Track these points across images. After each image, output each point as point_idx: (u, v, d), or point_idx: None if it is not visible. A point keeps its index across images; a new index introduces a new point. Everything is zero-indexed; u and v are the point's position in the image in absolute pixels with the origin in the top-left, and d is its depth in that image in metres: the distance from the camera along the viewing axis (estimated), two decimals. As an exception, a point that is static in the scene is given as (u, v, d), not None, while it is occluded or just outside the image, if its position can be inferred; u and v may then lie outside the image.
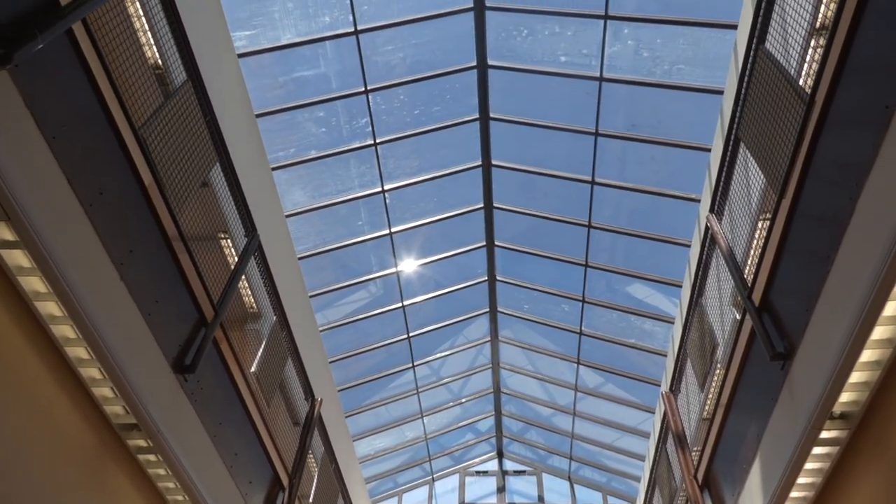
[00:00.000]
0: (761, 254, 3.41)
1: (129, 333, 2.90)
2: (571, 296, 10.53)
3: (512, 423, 14.16)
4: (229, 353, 3.94)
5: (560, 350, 11.71)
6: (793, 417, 3.07)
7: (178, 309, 3.39)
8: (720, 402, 4.14)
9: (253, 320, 4.92)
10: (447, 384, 12.81)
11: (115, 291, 2.83)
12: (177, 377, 3.33)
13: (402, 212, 9.86)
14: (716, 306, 4.26)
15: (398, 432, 13.26)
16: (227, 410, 3.95)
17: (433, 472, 14.35)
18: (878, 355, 2.57)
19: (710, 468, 4.46)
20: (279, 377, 4.87)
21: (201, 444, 3.57)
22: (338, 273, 10.54)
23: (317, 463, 5.94)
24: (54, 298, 2.51)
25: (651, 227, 9.27)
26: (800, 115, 2.91)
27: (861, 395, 2.73)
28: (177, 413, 3.30)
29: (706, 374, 4.40)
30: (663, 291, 10.19)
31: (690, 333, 4.71)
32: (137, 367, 2.92)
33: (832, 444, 2.93)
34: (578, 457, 13.62)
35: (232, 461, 3.95)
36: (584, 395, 12.17)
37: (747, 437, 3.75)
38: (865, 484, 2.90)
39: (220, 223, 4.13)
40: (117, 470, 3.13)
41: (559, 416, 13.09)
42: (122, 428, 3.08)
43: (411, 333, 11.21)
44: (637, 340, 10.76)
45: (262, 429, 4.37)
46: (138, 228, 3.05)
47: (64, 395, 2.78)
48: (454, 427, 13.74)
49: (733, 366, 3.86)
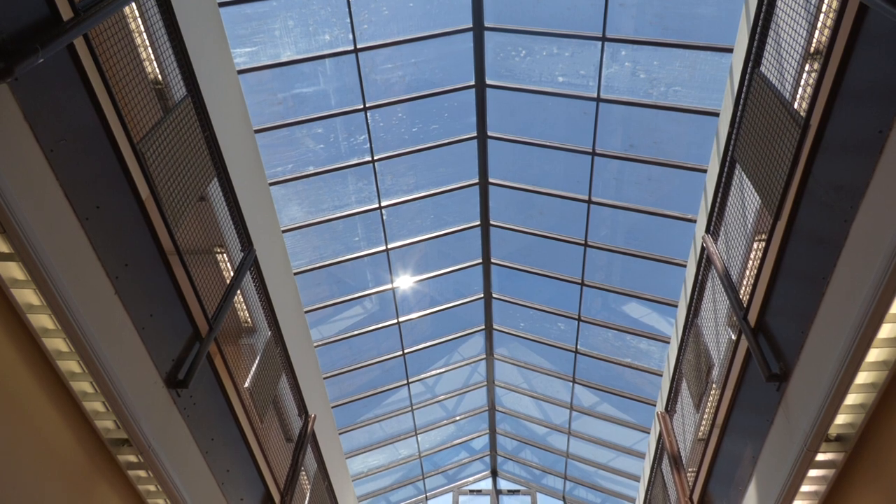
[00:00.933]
0: (757, 275, 3.42)
1: (122, 348, 2.88)
2: (567, 314, 10.53)
3: (506, 442, 14.06)
4: (223, 368, 3.92)
5: (555, 368, 11.67)
6: (788, 439, 3.05)
7: (172, 323, 3.38)
8: (715, 423, 4.12)
9: (247, 335, 4.90)
10: (442, 401, 12.74)
11: (110, 305, 2.82)
12: (169, 392, 3.31)
13: (399, 228, 9.88)
14: (711, 326, 4.26)
15: (392, 450, 13.16)
16: (220, 426, 3.91)
17: (427, 491, 14.21)
18: (874, 377, 2.57)
19: (705, 489, 4.43)
20: (273, 393, 4.83)
21: (193, 459, 3.53)
22: (333, 289, 10.52)
23: (309, 480, 5.88)
24: (48, 311, 2.50)
25: (647, 246, 9.30)
26: (795, 137, 2.93)
27: (857, 418, 2.72)
28: (169, 428, 3.27)
29: (701, 395, 4.39)
30: (659, 311, 10.19)
31: (686, 353, 4.70)
32: (130, 382, 2.90)
33: (828, 466, 2.92)
34: (573, 476, 13.51)
35: (223, 477, 3.91)
36: (579, 413, 12.11)
37: (743, 459, 3.73)
38: (861, 508, 2.88)
39: (217, 237, 4.13)
40: (107, 486, 3.09)
41: (554, 434, 13.00)
42: (113, 443, 3.05)
43: (406, 350, 11.17)
44: (633, 360, 10.74)
45: (254, 445, 4.33)
46: (134, 242, 3.04)
47: (55, 409, 2.75)
48: (448, 445, 13.63)
49: (728, 386, 3.85)
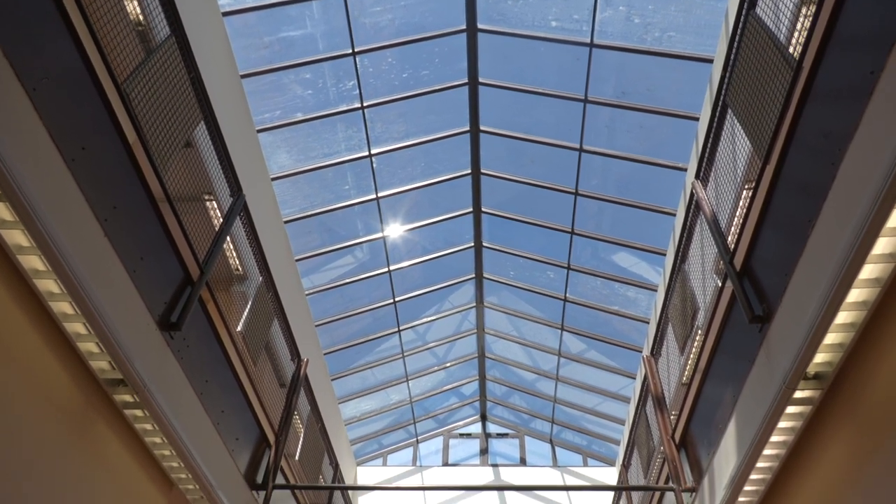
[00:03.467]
0: (744, 220, 3.46)
1: (113, 289, 2.90)
2: (557, 263, 10.62)
3: (496, 388, 14.38)
4: (215, 312, 3.95)
5: (544, 316, 11.85)
6: (768, 379, 3.15)
7: (163, 267, 3.39)
8: (699, 366, 4.24)
9: (239, 282, 4.92)
10: (432, 349, 12.95)
11: (99, 247, 2.82)
12: (163, 334, 3.34)
13: (390, 177, 9.82)
14: (698, 272, 4.33)
15: (383, 395, 13.43)
16: (214, 368, 3.98)
17: (418, 435, 14.59)
18: (853, 317, 2.64)
19: (687, 429, 4.58)
20: (265, 337, 4.89)
21: (188, 400, 3.60)
22: (324, 237, 10.52)
23: (303, 423, 6.01)
24: (37, 252, 2.49)
25: (638, 195, 9.33)
26: (787, 80, 2.92)
27: (835, 357, 2.81)
28: (163, 369, 3.32)
29: (686, 338, 4.49)
30: (648, 260, 10.30)
31: (672, 298, 4.78)
32: (123, 324, 2.93)
33: (805, 403, 3.03)
34: (560, 420, 13.90)
35: (219, 418, 4.00)
36: (567, 360, 12.36)
37: (724, 399, 3.85)
38: (835, 442, 3.00)
39: (205, 184, 4.09)
40: (104, 425, 3.16)
41: (542, 380, 13.31)
42: (109, 383, 3.10)
43: (397, 298, 11.27)
44: (620, 307, 10.91)
45: (248, 387, 4.41)
46: (122, 186, 3.02)
47: (49, 350, 2.78)
48: (439, 391, 13.93)
49: (713, 330, 3.94)
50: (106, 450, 3.20)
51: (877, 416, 2.65)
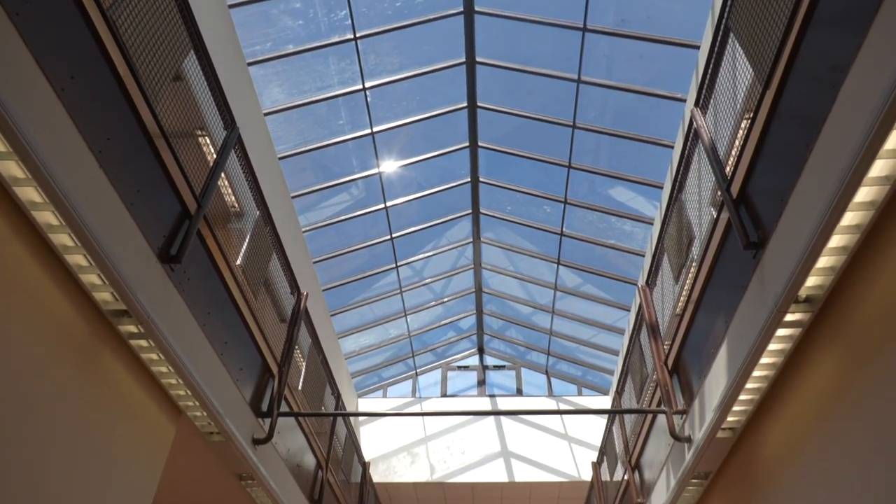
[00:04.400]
0: (742, 146, 3.44)
1: (112, 221, 2.91)
2: (554, 197, 10.61)
3: (492, 322, 14.64)
4: (214, 246, 3.98)
5: (541, 251, 11.94)
6: (760, 303, 3.21)
7: (160, 200, 3.38)
8: (693, 294, 4.31)
9: (236, 218, 4.92)
10: (430, 284, 13.10)
11: (95, 179, 2.80)
12: (163, 267, 3.37)
13: (384, 111, 9.67)
14: (695, 201, 4.34)
15: (382, 330, 13.69)
16: (215, 301, 4.03)
17: (416, 368, 14.95)
18: (846, 241, 2.67)
19: (679, 355, 4.70)
20: (264, 272, 4.94)
21: (191, 331, 3.67)
22: (319, 174, 10.45)
23: (304, 356, 6.14)
24: (33, 184, 2.48)
25: (636, 128, 9.23)
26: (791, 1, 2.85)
27: (826, 280, 2.86)
28: (165, 301, 3.37)
29: (681, 267, 4.55)
30: (645, 194, 10.30)
31: (669, 228, 4.81)
32: (123, 256, 2.95)
33: (795, 326, 3.10)
34: (556, 352, 14.23)
35: (222, 349, 4.09)
36: (563, 294, 12.54)
37: (716, 326, 3.94)
38: (823, 363, 3.10)
39: (198, 120, 4.03)
40: (111, 354, 3.23)
41: (538, 314, 13.54)
42: (113, 314, 3.15)
43: (394, 235, 11.31)
44: (617, 241, 10.99)
45: (249, 319, 4.49)
46: (114, 117, 2.98)
47: (51, 282, 2.81)
48: (437, 325, 14.19)
49: (707, 259, 3.99)
50: (114, 379, 3.28)
51: (863, 337, 2.73)
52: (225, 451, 4.30)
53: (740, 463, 4.16)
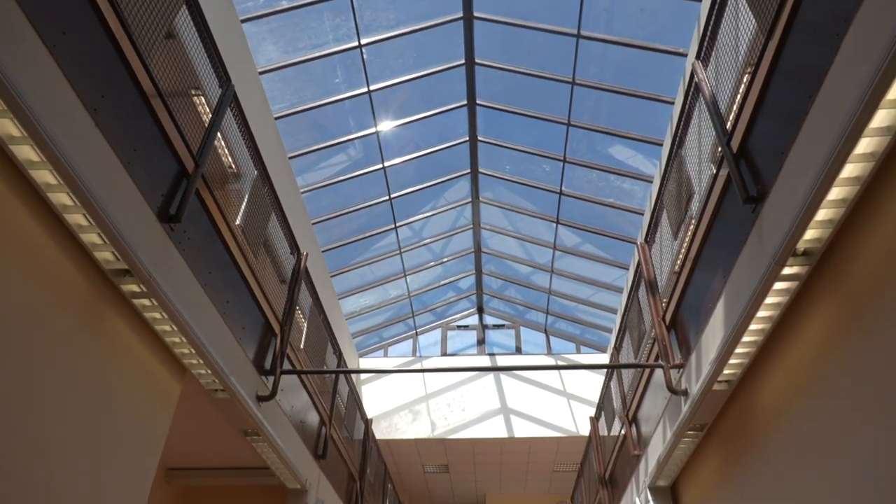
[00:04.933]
0: (743, 100, 3.41)
1: (110, 180, 2.90)
2: (553, 156, 10.54)
3: (492, 281, 14.72)
4: (213, 206, 3.97)
5: (540, 210, 11.92)
6: (758, 257, 3.23)
7: (157, 160, 3.36)
8: (691, 251, 4.33)
9: (234, 180, 4.90)
10: (429, 245, 13.12)
11: (91, 137, 2.78)
12: (163, 226, 3.37)
13: (381, 69, 9.52)
14: (695, 156, 4.32)
15: (382, 291, 13.77)
16: (216, 261, 4.05)
17: (417, 327, 15.10)
18: (845, 193, 2.68)
19: (677, 311, 4.75)
20: (264, 231, 4.94)
21: (193, 290, 3.69)
22: (315, 135, 10.35)
23: (305, 316, 6.19)
24: (30, 142, 2.47)
25: (637, 84, 9.11)
26: (796, -54, 2.78)
27: (824, 233, 2.87)
28: (166, 260, 3.38)
29: (680, 223, 4.56)
30: (644, 152, 10.23)
31: (668, 184, 4.80)
32: (122, 215, 2.95)
33: (792, 279, 3.13)
34: (555, 311, 14.35)
35: (224, 308, 4.12)
36: (562, 253, 12.58)
37: (714, 281, 3.97)
38: (818, 316, 3.13)
39: (192, 78, 3.97)
40: (114, 313, 3.26)
41: (537, 273, 13.61)
42: (115, 274, 3.16)
43: (392, 195, 11.27)
44: (616, 200, 10.97)
45: (250, 279, 4.51)
46: (108, 75, 2.94)
47: (52, 242, 2.82)
48: (436, 285, 14.27)
49: (706, 215, 3.99)
50: (118, 337, 3.32)
51: (860, 289, 2.75)
52: (230, 408, 4.38)
53: (735, 415, 4.24)
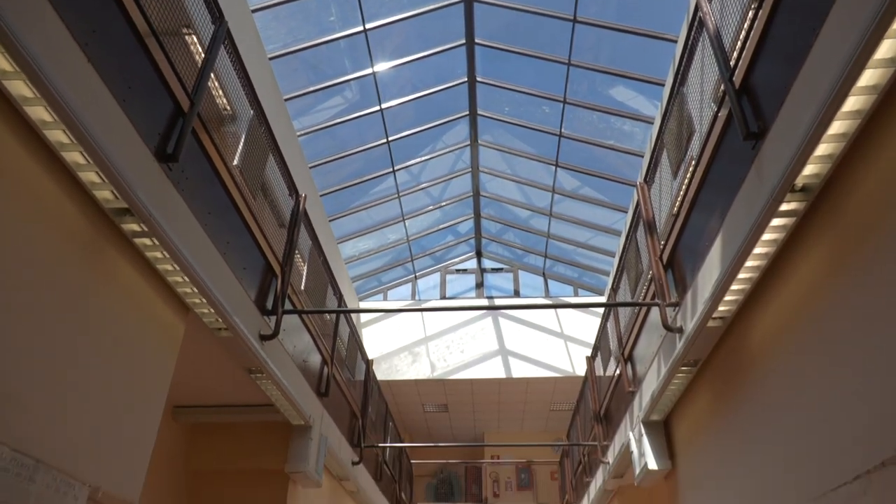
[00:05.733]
0: (747, 35, 3.35)
1: (105, 118, 2.87)
2: (553, 97, 10.39)
3: (490, 225, 14.75)
4: (211, 146, 3.94)
5: (539, 153, 11.83)
6: (756, 194, 3.24)
7: (152, 98, 3.32)
8: (690, 191, 4.33)
9: (230, 122, 4.84)
10: (427, 188, 13.08)
11: (85, 73, 2.74)
12: (161, 166, 3.36)
13: (377, 6, 9.27)
14: (696, 93, 4.27)
15: (381, 235, 13.81)
16: (215, 201, 4.05)
17: (416, 271, 15.22)
18: (846, 127, 2.66)
19: (674, 250, 4.79)
20: (262, 174, 4.92)
21: (193, 230, 3.71)
22: (311, 76, 10.17)
23: (304, 260, 6.23)
24: (22, 77, 2.43)
25: (640, 21, 8.89)
26: None
27: (823, 168, 2.87)
28: (166, 200, 3.39)
29: (680, 163, 4.54)
30: (646, 93, 10.08)
31: (669, 122, 4.76)
32: (119, 153, 2.93)
33: (790, 215, 3.14)
34: (553, 255, 14.44)
35: (225, 248, 4.15)
36: (561, 196, 12.56)
37: (712, 220, 3.99)
38: (813, 253, 3.17)
39: (183, 16, 3.86)
40: (115, 252, 3.29)
41: (536, 217, 13.62)
42: (115, 213, 3.17)
43: (390, 138, 11.16)
44: (616, 142, 10.87)
45: (250, 220, 4.53)
46: (98, 8, 2.87)
47: (50, 180, 2.81)
48: (435, 229, 14.30)
49: (706, 154, 3.98)
50: (121, 276, 3.36)
51: (857, 224, 2.77)
52: (234, 347, 4.47)
53: (728, 351, 4.34)
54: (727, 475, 4.46)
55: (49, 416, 2.79)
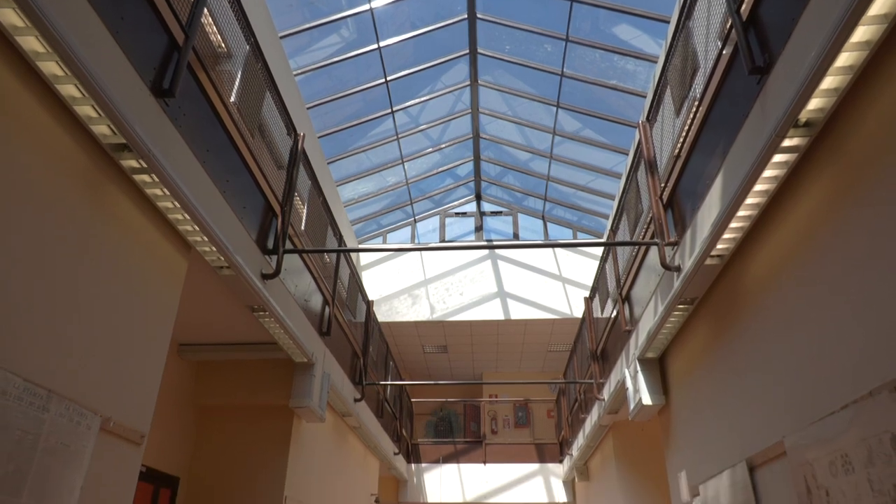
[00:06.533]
0: (757, -37, 3.25)
1: (99, 50, 2.81)
2: (555, 34, 10.14)
3: (490, 168, 14.65)
4: (207, 82, 3.88)
5: (540, 93, 11.64)
6: (759, 130, 3.21)
7: (146, 31, 3.24)
8: (692, 129, 4.29)
9: (226, 60, 4.74)
10: (426, 130, 12.93)
11: (76, 5, 2.67)
12: (157, 101, 3.32)
13: (374, -63, 8.93)
14: (702, 27, 4.17)
15: (380, 178, 13.74)
16: (213, 138, 4.02)
17: (415, 215, 15.21)
18: (854, 59, 2.62)
19: (675, 190, 4.78)
20: (259, 111, 4.86)
21: (192, 167, 3.69)
22: (306, 13, 9.89)
23: (304, 201, 6.22)
24: (12, 5, 2.37)
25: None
26: None
27: (828, 102, 2.84)
28: (163, 135, 3.36)
29: (683, 100, 4.48)
30: (650, 31, 9.83)
31: (673, 59, 4.67)
32: (115, 86, 2.89)
33: (792, 151, 3.13)
34: (553, 198, 14.41)
35: (224, 186, 4.14)
36: (561, 139, 12.43)
37: (713, 159, 3.96)
38: (814, 189, 3.17)
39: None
40: (115, 188, 3.28)
41: (536, 159, 13.52)
42: (113, 149, 3.15)
43: (389, 77, 10.95)
44: (619, 82, 10.68)
45: (248, 158, 4.50)
46: (85, -68, 2.77)
47: (47, 114, 2.78)
48: (434, 172, 14.21)
49: (709, 91, 3.92)
50: (122, 214, 3.36)
51: (857, 160, 2.76)
52: (236, 285, 4.52)
53: (725, 288, 4.39)
54: (719, 408, 4.60)
55: (58, 348, 2.85)
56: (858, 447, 2.72)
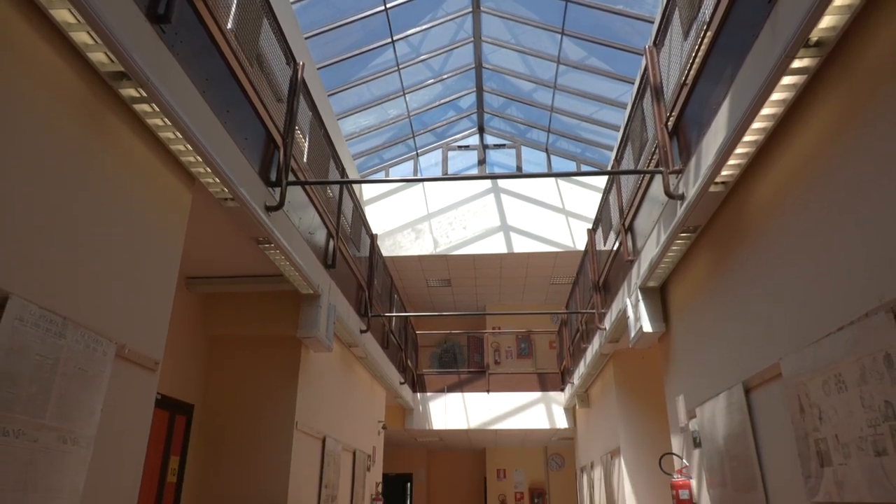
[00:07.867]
0: None
1: (91, -28, 2.73)
2: (560, -44, 9.75)
3: (493, 99, 14.39)
4: (203, 8, 3.78)
5: (544, 20, 11.29)
6: (768, 52, 3.14)
7: (137, -49, 3.13)
8: (699, 54, 4.19)
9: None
10: (427, 61, 12.63)
11: (64, -79, 2.58)
12: (154, 28, 3.25)
13: None
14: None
15: (381, 110, 13.53)
16: (211, 66, 3.95)
17: (417, 148, 15.06)
18: (870, -28, 2.54)
19: (680, 117, 4.72)
20: (257, 41, 4.74)
21: (192, 96, 3.65)
22: (302, -64, 9.49)
23: (305, 134, 6.16)
24: (-1, -76, 2.29)
25: None
26: None
27: (840, 20, 2.76)
28: (161, 63, 3.30)
29: (692, 21, 4.36)
30: (659, -49, 9.43)
31: (682, -21, 4.51)
32: (110, 11, 2.82)
33: (801, 73, 3.06)
34: (556, 129, 14.21)
35: (225, 117, 4.10)
36: (566, 68, 12.14)
37: (720, 85, 3.89)
38: (821, 112, 3.12)
39: None
40: (115, 118, 3.26)
41: (540, 90, 13.25)
42: (112, 77, 3.10)
43: (388, 5, 10.61)
44: (625, 7, 10.34)
45: (248, 89, 4.43)
46: None
47: (43, 41, 2.73)
48: (436, 104, 13.98)
49: (718, 13, 3.81)
50: (123, 144, 3.35)
51: (868, 79, 2.71)
52: (241, 217, 4.54)
53: (729, 215, 4.40)
54: (718, 333, 4.70)
55: (70, 276, 2.90)
56: (852, 366, 2.80)
